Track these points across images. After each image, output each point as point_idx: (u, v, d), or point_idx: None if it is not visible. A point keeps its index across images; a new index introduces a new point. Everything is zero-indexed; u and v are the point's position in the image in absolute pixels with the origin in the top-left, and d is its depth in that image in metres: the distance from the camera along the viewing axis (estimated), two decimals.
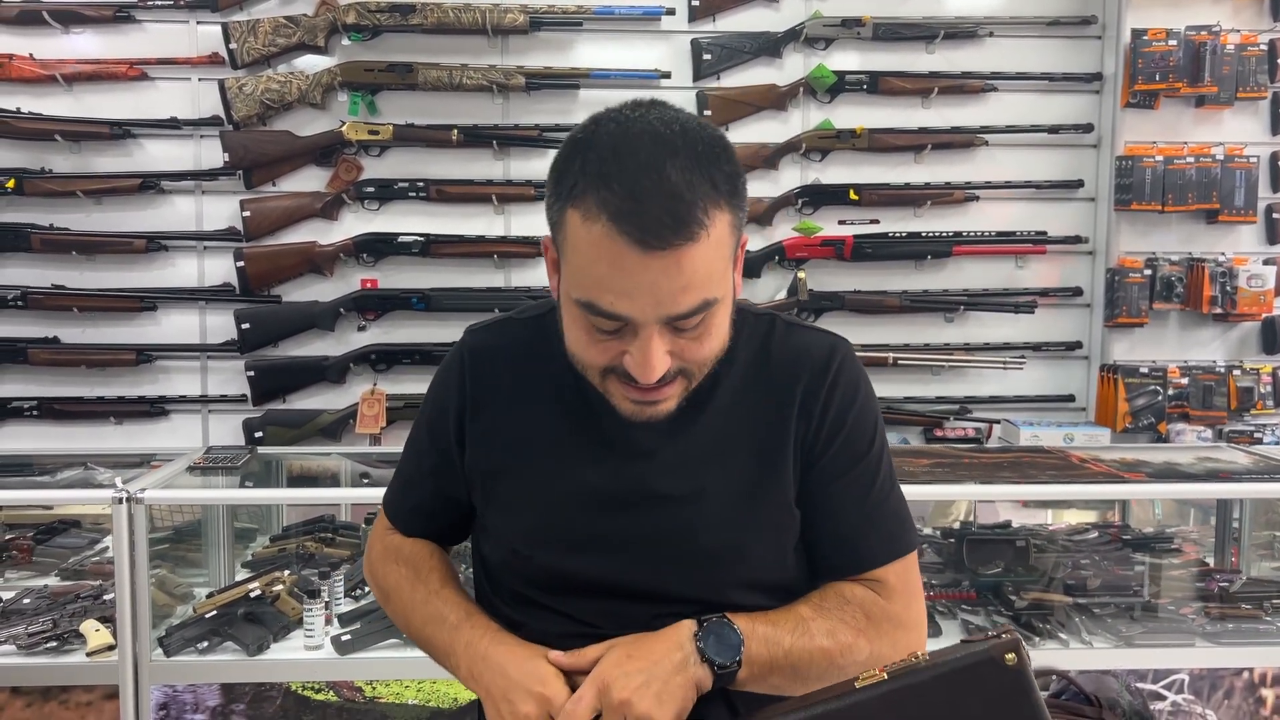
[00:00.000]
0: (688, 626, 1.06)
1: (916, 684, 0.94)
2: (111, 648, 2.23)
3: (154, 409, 3.08)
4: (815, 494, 1.14)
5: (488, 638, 1.12)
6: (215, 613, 2.33)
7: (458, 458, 1.20)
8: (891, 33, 3.13)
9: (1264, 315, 3.13)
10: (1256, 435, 3.13)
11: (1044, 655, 2.36)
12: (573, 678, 1.07)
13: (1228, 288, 3.10)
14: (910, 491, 2.55)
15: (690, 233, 0.96)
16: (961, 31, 3.15)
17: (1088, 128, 3.19)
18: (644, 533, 1.12)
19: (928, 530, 2.99)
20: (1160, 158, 3.07)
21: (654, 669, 1.03)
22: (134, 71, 3.01)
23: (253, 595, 2.37)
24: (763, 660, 1.06)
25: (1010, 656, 0.92)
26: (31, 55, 3.00)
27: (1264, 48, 3.08)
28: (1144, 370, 3.12)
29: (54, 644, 2.27)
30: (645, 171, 0.96)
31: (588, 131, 1.03)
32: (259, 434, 3.04)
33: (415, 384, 3.08)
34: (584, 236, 0.98)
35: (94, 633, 2.23)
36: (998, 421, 3.19)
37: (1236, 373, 3.14)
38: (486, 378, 1.19)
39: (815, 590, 1.16)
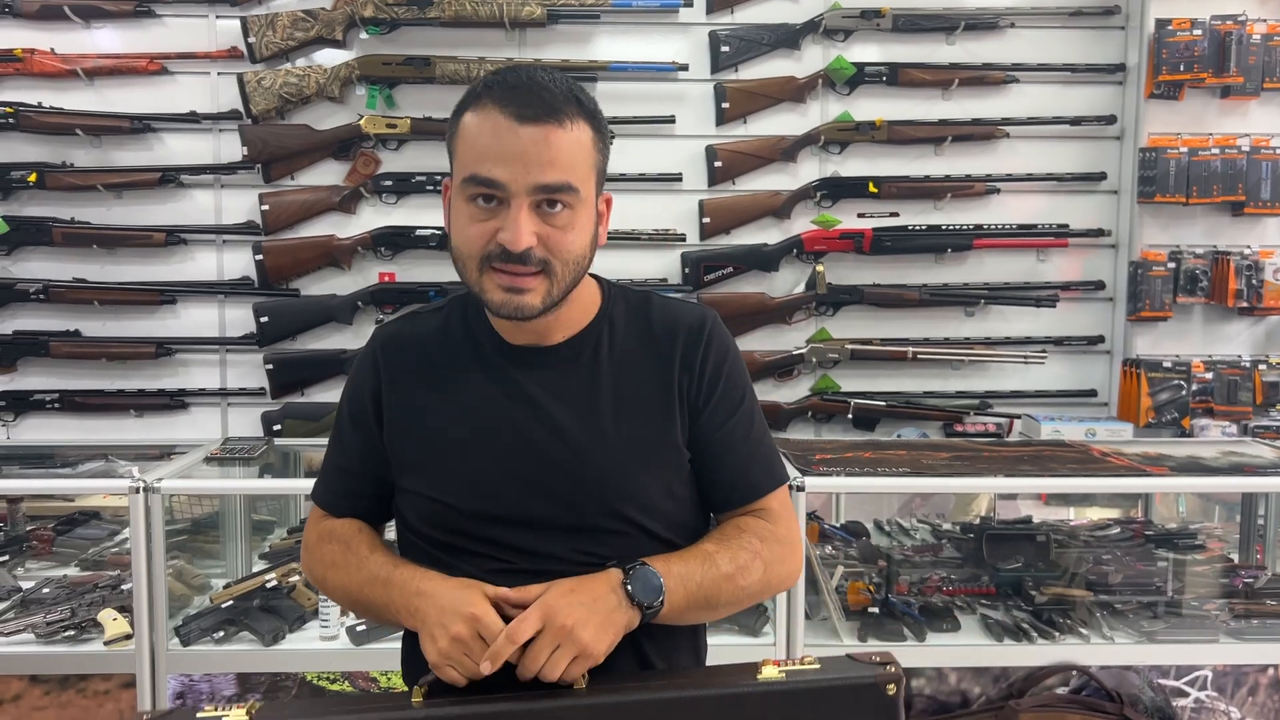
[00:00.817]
0: (616, 574, 1.19)
1: (806, 688, 1.06)
2: (129, 637, 2.24)
3: (174, 402, 3.10)
4: (707, 441, 1.32)
5: (418, 576, 1.22)
6: (232, 603, 2.34)
7: (379, 438, 1.31)
8: (911, 24, 3.11)
9: None
10: None
11: (1064, 650, 2.33)
12: (505, 609, 1.16)
13: (1254, 281, 3.06)
14: (930, 484, 2.56)
15: (557, 117, 1.17)
16: (982, 22, 3.12)
17: (1111, 119, 3.15)
18: (554, 472, 1.25)
19: (947, 525, 2.96)
20: (1185, 149, 3.03)
21: (595, 604, 1.15)
22: (154, 66, 3.03)
23: (269, 586, 2.38)
24: (680, 596, 1.20)
25: (891, 688, 1.05)
26: (53, 50, 3.02)
27: None
28: (1167, 365, 3.08)
29: (72, 633, 2.28)
30: (524, 79, 1.20)
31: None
32: (277, 427, 3.06)
33: None
34: (472, 121, 1.20)
35: (111, 622, 2.24)
36: (1019, 416, 3.16)
37: (1262, 367, 3.09)
38: (398, 359, 1.32)
39: (715, 529, 1.34)
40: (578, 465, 1.25)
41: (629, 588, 1.17)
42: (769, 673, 1.08)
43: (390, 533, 1.38)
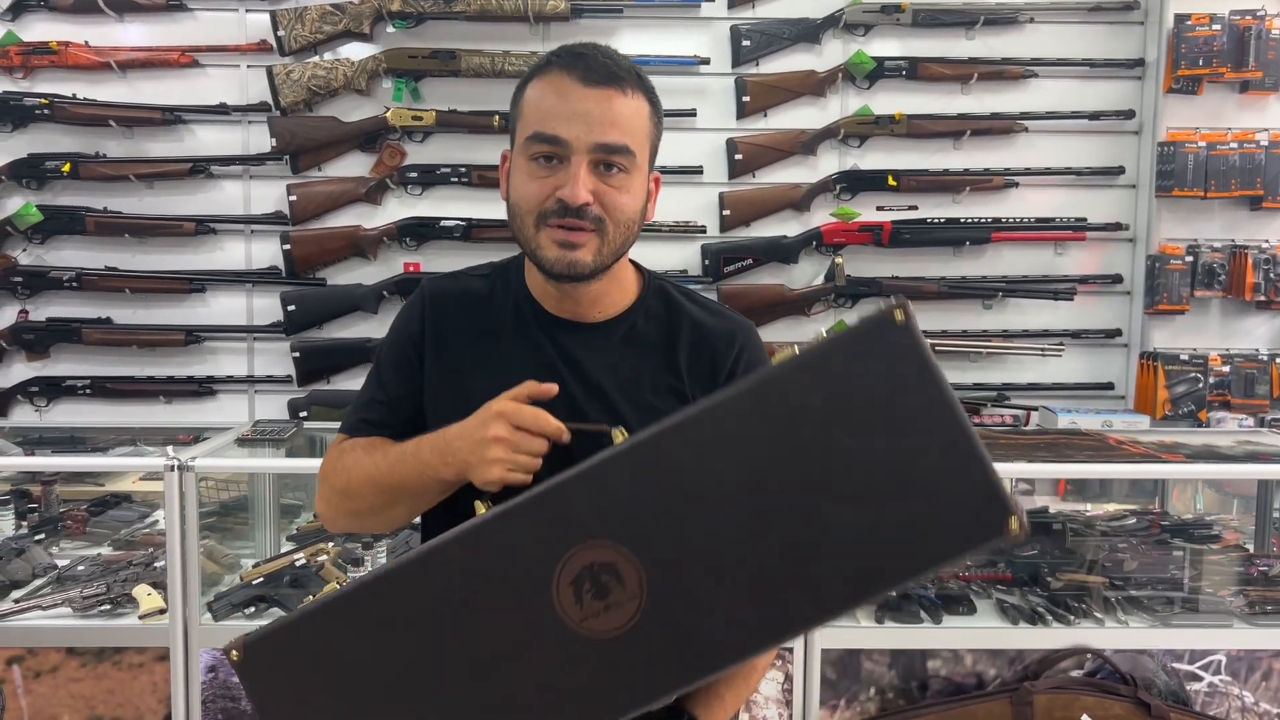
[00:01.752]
0: None
1: (827, 349, 1.04)
2: (162, 611, 2.30)
3: (202, 389, 3.15)
4: None
5: (441, 430, 1.22)
6: (262, 580, 2.39)
7: (421, 380, 1.34)
8: (931, 19, 3.14)
9: None
10: None
11: (1079, 634, 2.36)
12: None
13: (1271, 275, 3.08)
14: None
15: (620, 84, 1.24)
16: (1002, 17, 3.15)
17: (1129, 114, 3.18)
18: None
19: None
20: (1203, 144, 3.05)
21: None
22: (185, 58, 3.09)
23: (298, 564, 2.42)
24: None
25: (899, 314, 1.01)
26: (87, 43, 3.08)
27: None
28: (1184, 358, 3.10)
29: (107, 607, 2.34)
30: (590, 49, 1.26)
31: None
32: (303, 414, 3.10)
33: None
34: (537, 86, 1.26)
35: (146, 597, 2.30)
36: (1036, 409, 3.18)
37: None
38: (444, 316, 1.35)
39: None
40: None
41: None
42: (784, 353, 1.07)
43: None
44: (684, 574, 1.05)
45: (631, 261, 1.37)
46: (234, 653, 1.13)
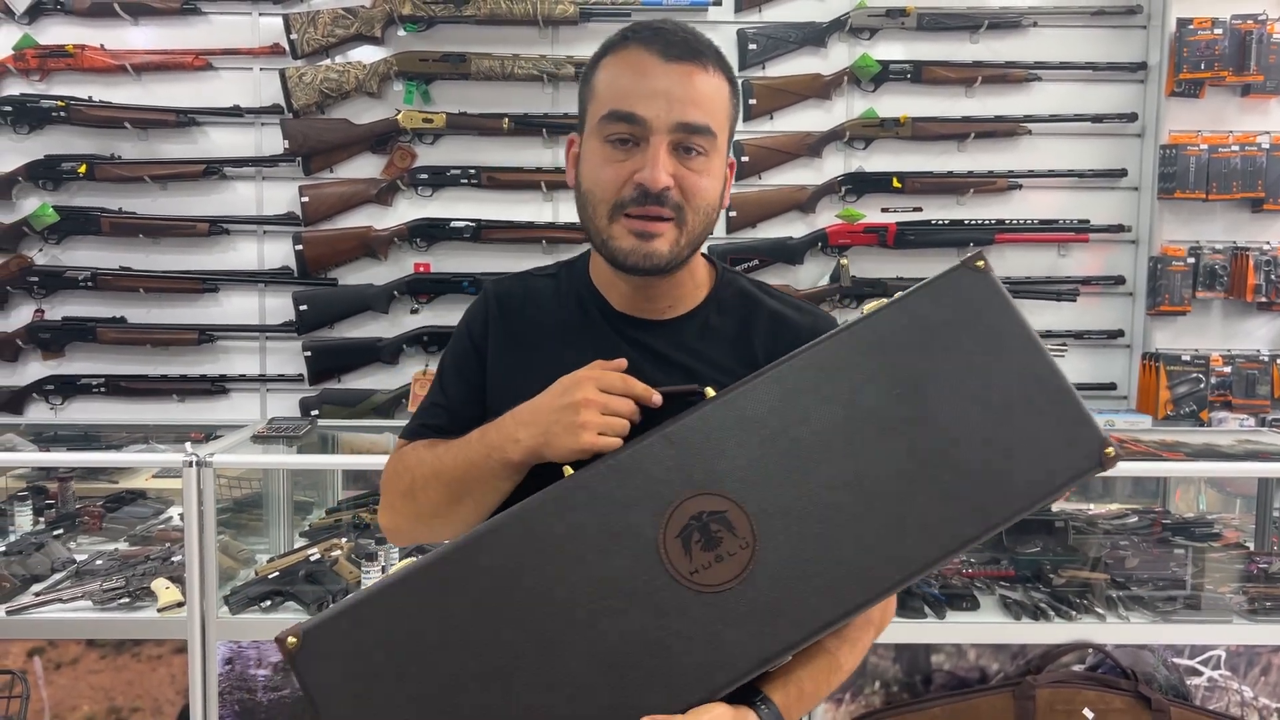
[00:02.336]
0: (750, 716, 1.09)
1: (917, 295, 1.09)
2: (180, 604, 2.34)
3: (215, 387, 3.19)
4: None
5: (509, 413, 1.17)
6: (277, 574, 2.43)
7: (483, 379, 1.29)
8: (936, 22, 3.17)
9: None
10: None
11: (1081, 629, 2.39)
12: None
13: (1272, 276, 3.11)
14: None
15: (701, 59, 1.15)
16: (1005, 21, 3.18)
17: (1132, 117, 3.21)
18: None
19: None
20: (1205, 146, 3.08)
21: None
22: (199, 61, 3.13)
23: (312, 560, 2.46)
24: (796, 714, 1.14)
25: (980, 264, 1.09)
26: (102, 46, 3.12)
27: None
28: (1186, 359, 3.13)
29: (126, 600, 2.38)
30: (669, 24, 1.18)
31: None
32: (315, 412, 3.14)
33: None
34: (613, 63, 1.18)
35: (164, 590, 2.34)
36: None
37: None
38: (508, 316, 1.30)
39: None
40: None
41: None
42: (871, 305, 1.11)
43: None
44: (796, 520, 1.03)
45: (703, 254, 1.29)
46: (291, 640, 1.02)
